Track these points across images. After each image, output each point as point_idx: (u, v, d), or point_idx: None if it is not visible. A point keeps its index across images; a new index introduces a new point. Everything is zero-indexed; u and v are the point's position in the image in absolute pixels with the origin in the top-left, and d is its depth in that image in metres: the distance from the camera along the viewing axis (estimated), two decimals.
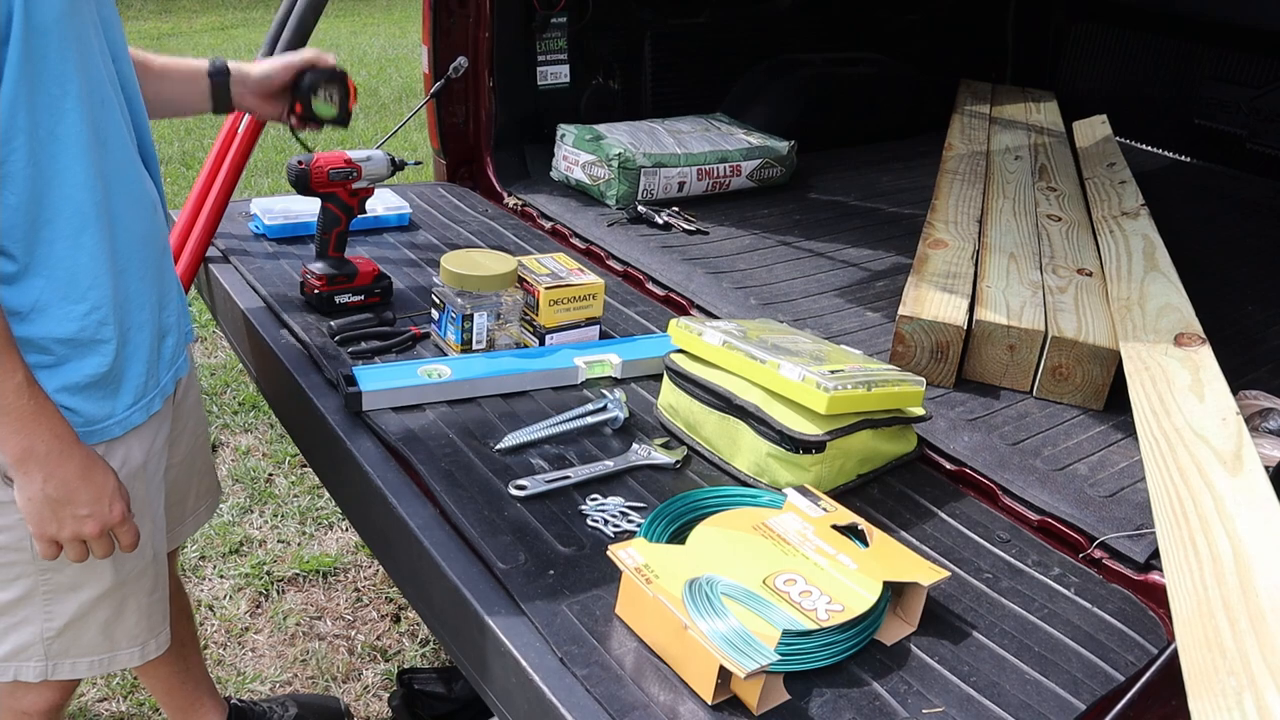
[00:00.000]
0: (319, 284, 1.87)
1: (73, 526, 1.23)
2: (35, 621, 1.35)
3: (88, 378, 1.25)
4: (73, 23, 1.15)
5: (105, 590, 1.37)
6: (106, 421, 1.28)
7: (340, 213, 1.86)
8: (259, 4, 11.08)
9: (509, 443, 1.50)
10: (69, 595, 1.35)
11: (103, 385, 1.27)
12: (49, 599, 1.34)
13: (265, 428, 3.22)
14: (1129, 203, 2.52)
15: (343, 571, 2.61)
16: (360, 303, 1.90)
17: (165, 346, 1.39)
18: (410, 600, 1.49)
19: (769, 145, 2.76)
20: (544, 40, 2.72)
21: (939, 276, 1.96)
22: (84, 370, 1.24)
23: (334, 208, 1.85)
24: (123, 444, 1.32)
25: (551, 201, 2.55)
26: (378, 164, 1.85)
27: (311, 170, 1.78)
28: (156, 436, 1.40)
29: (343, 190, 1.84)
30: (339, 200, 1.85)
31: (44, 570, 1.32)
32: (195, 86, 1.62)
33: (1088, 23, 3.82)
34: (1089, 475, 1.56)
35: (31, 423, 1.17)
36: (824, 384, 1.38)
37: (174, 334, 1.42)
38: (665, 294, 2.11)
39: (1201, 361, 1.61)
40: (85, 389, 1.25)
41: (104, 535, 1.26)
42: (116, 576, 1.37)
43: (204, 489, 1.71)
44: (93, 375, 1.25)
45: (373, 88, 7.60)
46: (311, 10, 2.20)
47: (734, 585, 1.14)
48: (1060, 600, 1.30)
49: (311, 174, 1.78)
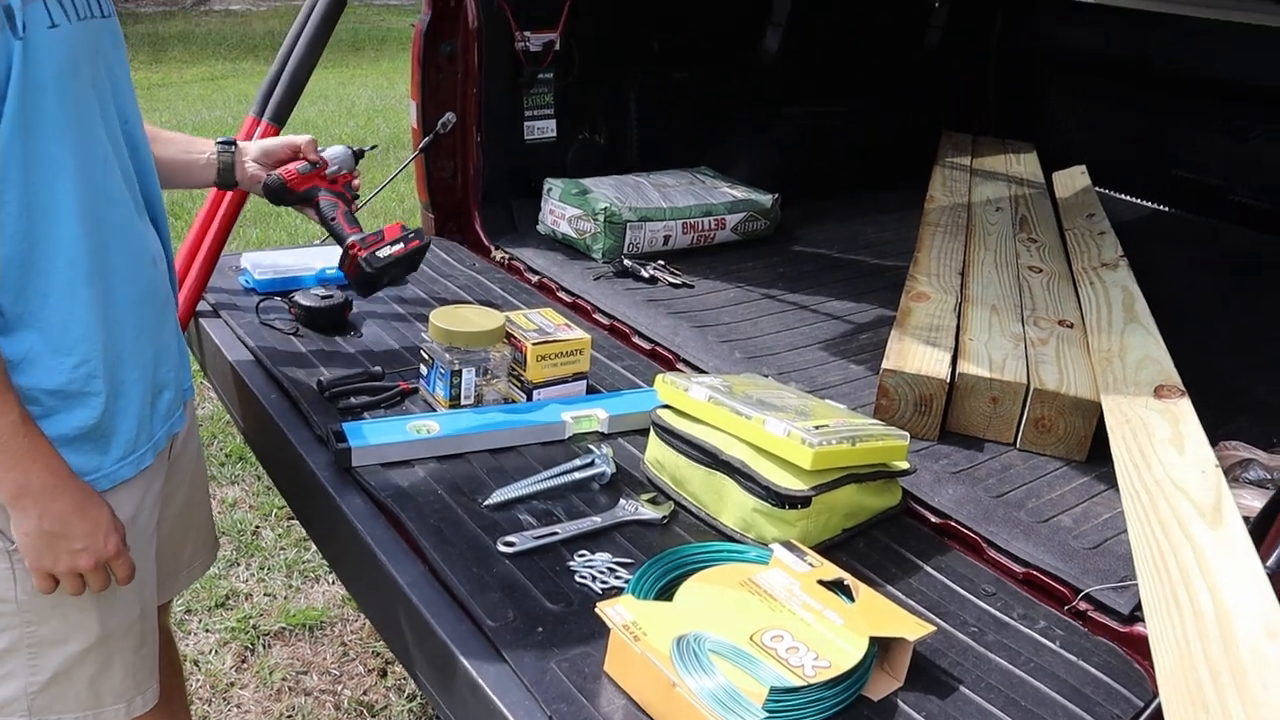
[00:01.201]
0: (359, 250, 1.81)
1: (68, 560, 1.24)
2: (20, 675, 1.33)
3: (76, 430, 1.26)
4: (72, 83, 1.18)
5: (91, 644, 1.36)
6: (94, 474, 1.29)
7: (334, 198, 1.85)
8: (249, 55, 11.19)
9: (497, 499, 1.50)
10: (54, 649, 1.34)
11: (91, 438, 1.28)
12: (34, 652, 1.33)
13: (252, 479, 3.21)
14: (1108, 254, 2.56)
15: (329, 625, 2.59)
16: (402, 251, 1.83)
17: (161, 402, 1.40)
18: (398, 656, 1.48)
19: (753, 198, 2.79)
20: (531, 95, 2.77)
21: (922, 330, 1.99)
22: (72, 422, 1.25)
23: (327, 195, 1.85)
24: (110, 497, 1.32)
25: (538, 255, 2.57)
26: (340, 155, 1.88)
27: (284, 175, 1.80)
28: (147, 491, 1.40)
29: (320, 180, 1.84)
30: (325, 190, 1.85)
31: (29, 623, 1.31)
32: (201, 160, 1.70)
33: (1066, 75, 3.90)
34: (1073, 527, 1.58)
35: (27, 460, 1.19)
36: (809, 439, 1.40)
37: (171, 389, 1.42)
38: (652, 348, 2.13)
39: (1181, 414, 1.64)
40: (73, 441, 1.26)
41: (100, 569, 1.27)
42: (103, 630, 1.36)
43: (200, 544, 1.70)
44: (80, 428, 1.26)
45: (360, 138, 7.65)
46: (303, 69, 2.24)
47: (722, 642, 1.15)
48: (1046, 653, 1.31)
49: (285, 179, 1.80)
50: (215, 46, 11.83)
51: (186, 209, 5.03)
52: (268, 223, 5.40)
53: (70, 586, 1.28)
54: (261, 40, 12.29)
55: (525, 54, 2.68)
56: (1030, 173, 3.48)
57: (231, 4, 16.84)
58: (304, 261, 2.27)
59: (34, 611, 1.30)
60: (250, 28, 13.70)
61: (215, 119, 7.86)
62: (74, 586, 1.28)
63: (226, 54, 11.36)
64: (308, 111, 8.18)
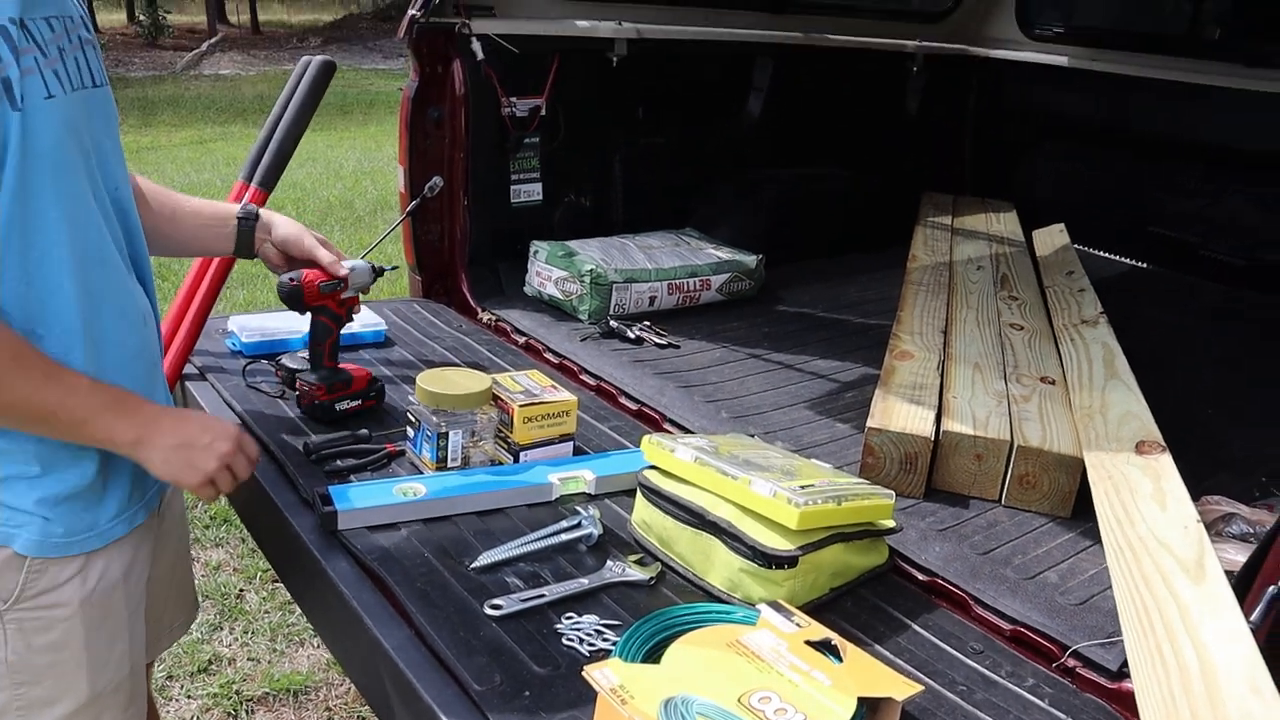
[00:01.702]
0: (319, 393, 1.91)
1: (206, 459, 1.36)
2: None
3: (71, 489, 1.27)
4: (66, 151, 1.22)
5: (81, 704, 1.36)
6: (88, 533, 1.30)
7: (331, 323, 1.91)
8: (237, 119, 11.31)
9: (484, 561, 1.50)
10: (44, 710, 1.34)
11: (85, 497, 1.29)
12: (24, 714, 1.32)
13: (236, 542, 3.19)
14: (1088, 311, 2.60)
15: (314, 690, 2.56)
16: (359, 407, 1.96)
17: None
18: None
19: (737, 259, 2.83)
20: (517, 159, 2.80)
21: (906, 388, 2.01)
22: (69, 481, 1.27)
23: (326, 319, 1.90)
24: (103, 556, 1.33)
25: (525, 317, 2.59)
26: (361, 273, 1.90)
27: (304, 286, 1.82)
28: (138, 550, 1.41)
29: (332, 302, 1.88)
30: (329, 312, 1.89)
31: (20, 684, 1.31)
32: (222, 230, 1.73)
33: (1044, 137, 3.97)
34: (1059, 583, 1.58)
35: (119, 408, 1.28)
36: (795, 499, 1.41)
37: None
38: (638, 408, 2.14)
39: (1162, 469, 1.65)
40: (67, 499, 1.27)
41: (237, 450, 1.40)
42: (93, 691, 1.36)
43: (183, 604, 1.71)
44: (75, 487, 1.28)
45: (348, 200, 7.72)
46: (292, 135, 2.27)
47: (709, 704, 1.14)
48: (1035, 712, 1.31)
49: (304, 290, 1.82)
50: (204, 110, 11.97)
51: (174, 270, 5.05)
52: (255, 285, 5.42)
53: (223, 484, 1.39)
54: (251, 104, 12.43)
55: (512, 119, 2.72)
56: (1010, 231, 3.53)
57: (221, 69, 17.07)
58: (291, 324, 2.28)
59: (25, 672, 1.30)
60: (240, 92, 13.86)
61: (204, 181, 7.92)
62: (225, 482, 1.39)
63: (215, 117, 11.48)
64: (296, 174, 8.25)
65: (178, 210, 1.65)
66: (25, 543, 1.25)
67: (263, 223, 1.76)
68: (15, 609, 1.27)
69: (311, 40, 21.60)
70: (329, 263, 1.82)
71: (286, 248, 1.80)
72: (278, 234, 1.78)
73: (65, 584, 1.30)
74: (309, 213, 7.19)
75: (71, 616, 1.31)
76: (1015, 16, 3.93)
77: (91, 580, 1.30)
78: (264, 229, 1.76)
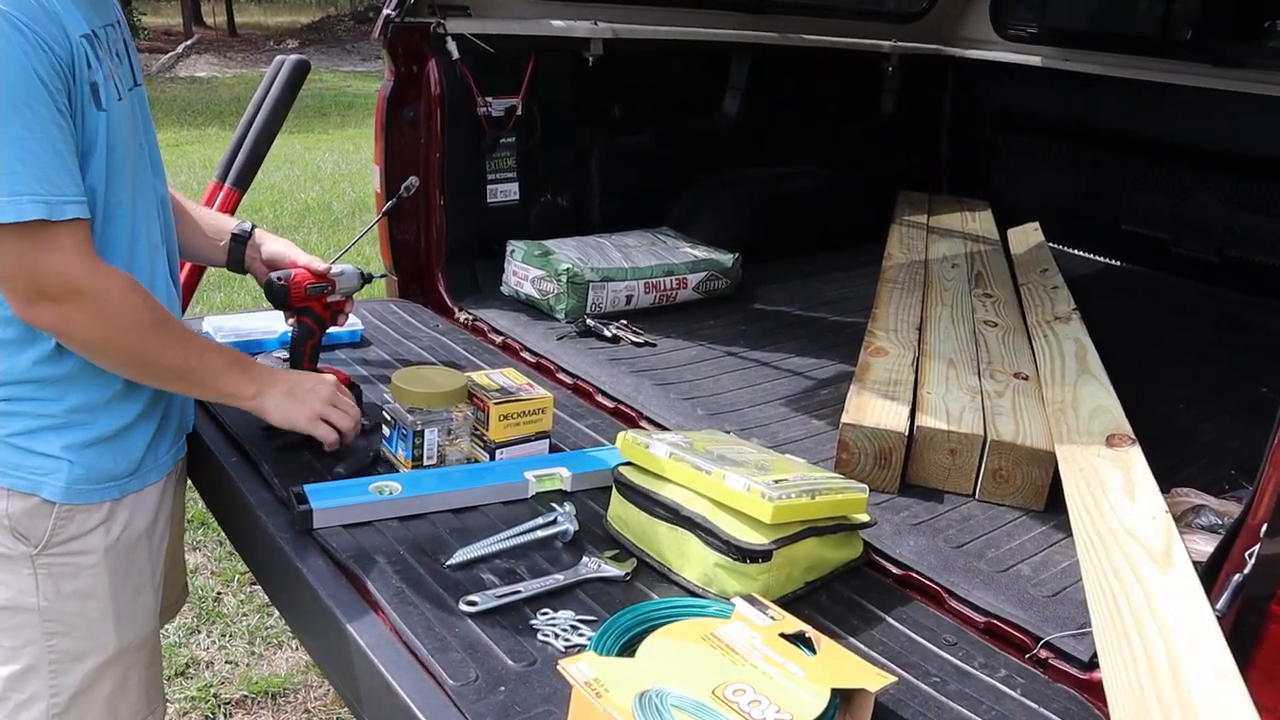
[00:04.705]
0: None
1: (315, 401, 1.61)
2: (41, 699, 1.41)
3: (96, 436, 1.40)
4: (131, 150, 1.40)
5: (109, 658, 1.45)
6: (110, 482, 1.42)
7: (315, 326, 1.89)
8: (213, 121, 11.24)
9: (460, 558, 1.50)
10: (74, 665, 1.42)
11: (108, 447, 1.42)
12: (55, 671, 1.40)
13: (214, 545, 3.17)
14: (1061, 307, 2.62)
15: (293, 692, 2.56)
16: None
17: (169, 426, 1.56)
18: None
19: (714, 258, 2.84)
20: (494, 159, 2.80)
21: (880, 384, 2.02)
22: (94, 429, 1.40)
23: (309, 321, 1.88)
24: (125, 507, 1.45)
25: (502, 316, 2.59)
26: (349, 278, 1.90)
27: (291, 286, 1.81)
28: (160, 507, 1.53)
29: (318, 304, 1.87)
30: (314, 314, 1.88)
31: (51, 634, 1.39)
32: (218, 243, 1.81)
33: (1019, 135, 4.01)
34: (1032, 575, 1.59)
35: (241, 365, 1.54)
36: (769, 493, 1.41)
37: (177, 415, 1.58)
38: (615, 406, 2.14)
39: (1132, 462, 1.67)
40: (93, 445, 1.40)
41: (335, 394, 1.66)
42: (119, 643, 1.46)
43: (176, 583, 1.79)
44: (100, 435, 1.41)
45: (326, 203, 7.70)
46: (265, 135, 2.27)
47: (684, 697, 1.15)
48: (1008, 702, 1.32)
49: (291, 290, 1.81)
50: (180, 113, 11.89)
51: None
52: (232, 286, 5.39)
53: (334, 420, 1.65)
54: (227, 106, 12.36)
55: (488, 119, 2.72)
56: (985, 230, 3.56)
57: (197, 71, 16.96)
58: (266, 325, 2.28)
59: (56, 621, 1.39)
60: (216, 94, 13.78)
61: (180, 184, 7.82)
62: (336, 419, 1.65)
63: (192, 120, 11.41)
64: (273, 176, 8.22)
65: (184, 215, 1.76)
66: (53, 489, 1.36)
67: (254, 241, 1.83)
68: (45, 554, 1.38)
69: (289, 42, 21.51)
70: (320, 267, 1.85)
71: (274, 264, 1.85)
72: (266, 250, 1.84)
73: (91, 532, 1.41)
74: (286, 215, 7.17)
75: (97, 564, 1.42)
76: (989, 17, 3.96)
77: (115, 530, 1.43)
78: (254, 247, 1.83)
